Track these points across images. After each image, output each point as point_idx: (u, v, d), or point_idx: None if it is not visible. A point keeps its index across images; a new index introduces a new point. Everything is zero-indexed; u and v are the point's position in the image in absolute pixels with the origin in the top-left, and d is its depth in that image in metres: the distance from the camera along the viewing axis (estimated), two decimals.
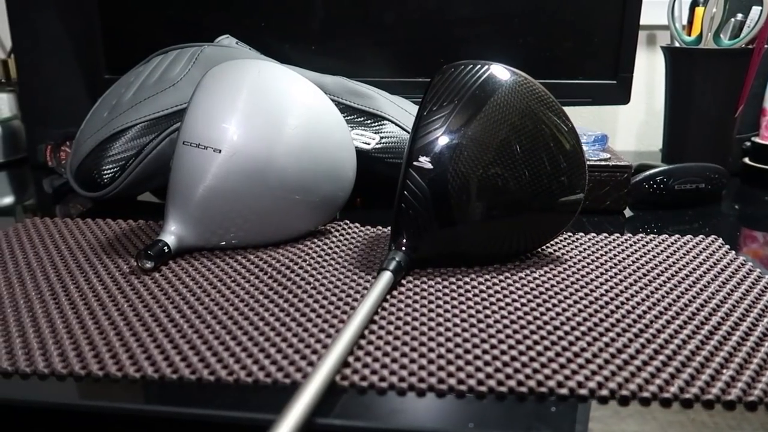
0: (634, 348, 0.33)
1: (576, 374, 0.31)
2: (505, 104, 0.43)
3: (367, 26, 0.67)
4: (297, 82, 0.47)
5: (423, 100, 0.43)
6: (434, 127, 0.42)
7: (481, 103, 0.42)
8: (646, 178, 0.58)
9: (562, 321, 0.36)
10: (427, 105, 0.43)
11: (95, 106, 0.60)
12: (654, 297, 0.39)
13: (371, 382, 0.30)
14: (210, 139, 0.44)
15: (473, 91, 0.43)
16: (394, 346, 0.33)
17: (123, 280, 0.41)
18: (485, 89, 0.43)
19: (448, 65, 0.44)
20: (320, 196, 0.47)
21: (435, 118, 0.42)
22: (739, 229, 0.53)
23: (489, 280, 0.41)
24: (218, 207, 0.44)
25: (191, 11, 0.69)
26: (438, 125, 0.42)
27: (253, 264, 0.44)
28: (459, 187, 0.41)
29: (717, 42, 0.62)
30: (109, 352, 0.32)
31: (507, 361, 0.32)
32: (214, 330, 0.35)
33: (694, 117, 0.63)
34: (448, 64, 0.44)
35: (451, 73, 0.44)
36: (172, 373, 0.31)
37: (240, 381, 0.30)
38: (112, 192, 0.56)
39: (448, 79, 0.43)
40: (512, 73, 0.44)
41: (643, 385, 0.30)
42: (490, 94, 0.43)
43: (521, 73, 0.44)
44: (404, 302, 0.38)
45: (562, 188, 0.43)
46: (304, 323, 0.35)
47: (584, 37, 0.65)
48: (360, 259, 0.45)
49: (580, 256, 0.46)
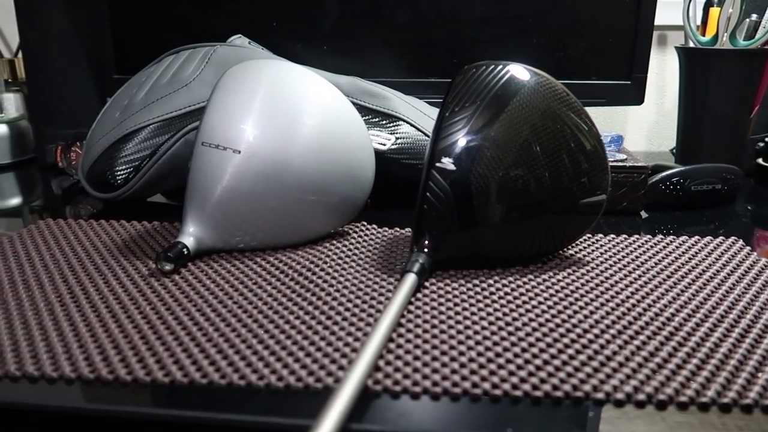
0: (666, 351, 0.33)
1: (611, 378, 0.30)
2: (527, 104, 0.42)
3: (379, 26, 0.67)
4: (315, 82, 0.47)
5: (444, 101, 0.43)
6: (457, 128, 0.42)
7: (503, 103, 0.42)
8: (662, 179, 0.58)
9: (591, 324, 0.35)
10: (449, 106, 0.42)
11: (106, 107, 0.60)
12: (680, 300, 0.39)
13: (404, 386, 0.30)
14: (229, 140, 0.43)
15: (496, 92, 0.42)
16: (424, 349, 0.33)
17: (143, 282, 0.41)
18: (507, 90, 0.42)
19: (469, 65, 0.44)
20: (339, 197, 0.46)
21: (457, 119, 0.42)
22: (754, 230, 0.53)
23: (513, 283, 0.41)
24: (237, 208, 0.44)
25: (201, 11, 0.68)
26: (460, 126, 0.42)
27: (273, 266, 0.44)
28: (482, 188, 0.41)
29: (733, 42, 0.62)
30: (135, 356, 0.32)
31: (539, 365, 0.31)
32: (240, 333, 0.34)
33: (709, 117, 0.63)
34: (470, 65, 0.44)
35: (472, 74, 0.43)
36: (202, 377, 0.30)
37: (271, 386, 0.30)
38: (127, 193, 0.55)
39: (470, 80, 0.43)
40: (534, 74, 0.43)
41: (680, 389, 0.29)
42: (513, 95, 0.42)
43: (542, 73, 0.44)
44: (429, 305, 0.38)
45: (583, 189, 0.43)
46: (331, 326, 0.35)
47: (598, 38, 0.65)
48: (381, 261, 0.45)
49: (601, 258, 0.45)
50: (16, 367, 0.31)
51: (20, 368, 0.31)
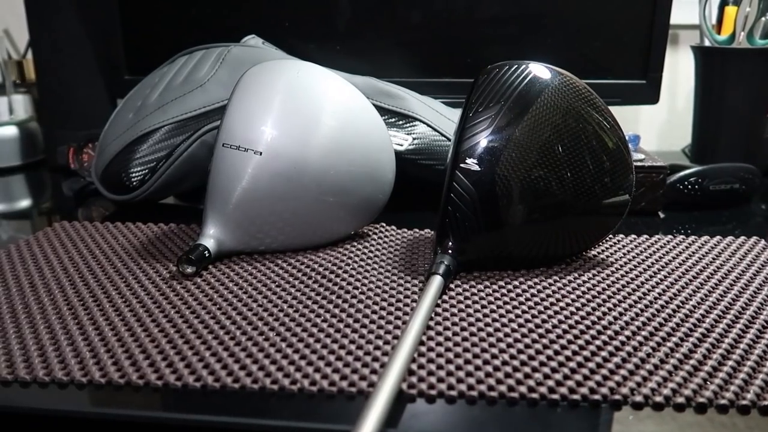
0: (700, 353, 0.32)
1: (648, 381, 0.30)
2: (552, 104, 0.42)
3: (393, 26, 0.66)
4: (336, 82, 0.46)
5: (467, 101, 0.42)
6: (481, 128, 0.41)
7: (528, 103, 0.42)
8: (680, 179, 0.58)
9: (621, 326, 0.35)
10: (472, 106, 0.42)
11: (118, 108, 0.59)
12: (709, 301, 0.38)
13: (440, 390, 0.29)
14: (250, 141, 0.43)
15: (520, 92, 0.42)
16: (455, 352, 0.32)
17: (165, 285, 0.40)
18: (531, 89, 0.42)
19: (492, 65, 0.43)
20: (360, 198, 0.46)
21: (481, 119, 0.41)
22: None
23: (538, 284, 0.41)
24: (258, 210, 0.43)
25: (213, 11, 0.68)
26: (484, 126, 0.41)
27: (295, 268, 0.43)
28: (506, 188, 0.40)
29: (750, 41, 0.61)
30: (164, 361, 0.31)
31: (574, 367, 0.31)
32: (268, 337, 0.34)
33: (725, 117, 0.63)
34: (492, 65, 0.43)
35: (495, 74, 0.43)
36: (233, 382, 0.30)
37: (304, 390, 0.29)
38: (143, 195, 0.55)
39: (493, 80, 0.43)
40: (557, 73, 0.43)
41: (718, 392, 0.29)
42: (537, 95, 0.42)
43: (565, 72, 0.43)
44: (456, 307, 0.37)
45: (606, 189, 0.43)
46: (360, 330, 0.35)
47: (613, 37, 0.64)
48: (404, 263, 0.44)
49: (624, 259, 0.45)
50: (44, 372, 0.31)
51: (49, 373, 0.30)
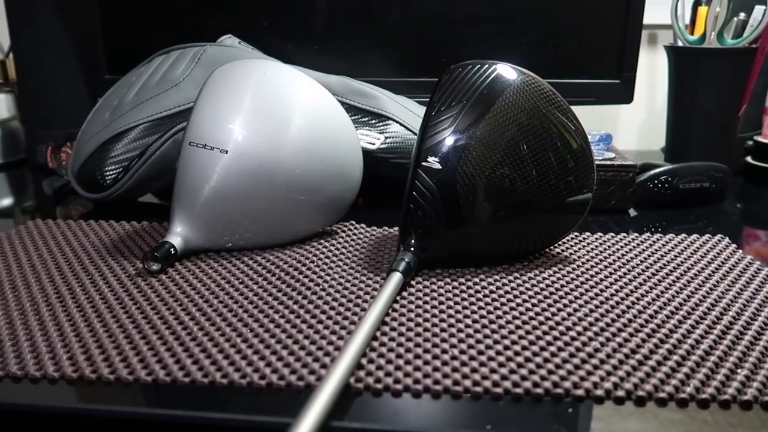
0: (647, 349, 0.33)
1: (591, 375, 0.30)
2: (513, 104, 0.42)
3: (370, 26, 0.67)
4: (303, 82, 0.47)
5: (431, 100, 0.43)
6: (443, 127, 0.42)
7: (489, 102, 0.42)
8: (650, 177, 0.58)
9: (574, 321, 0.36)
10: (435, 105, 0.43)
11: (96, 107, 0.60)
12: (664, 297, 0.39)
13: (386, 384, 0.30)
14: (217, 140, 0.43)
15: (481, 91, 0.42)
16: (407, 347, 0.33)
17: (130, 282, 0.41)
18: (493, 89, 0.43)
19: (455, 65, 0.44)
20: (327, 197, 0.47)
21: (443, 118, 0.42)
22: (743, 227, 0.53)
23: (498, 281, 0.41)
24: (225, 208, 0.44)
25: (193, 11, 0.68)
26: (446, 125, 0.42)
27: (260, 265, 0.44)
28: (468, 187, 0.41)
29: (721, 41, 0.62)
30: (119, 356, 0.32)
31: (521, 362, 0.31)
32: (224, 332, 0.34)
33: (698, 116, 0.64)
34: (456, 64, 0.44)
35: (459, 73, 0.43)
36: (184, 376, 0.30)
37: (253, 384, 0.30)
38: (116, 193, 0.55)
39: (456, 79, 0.43)
40: (520, 73, 0.44)
41: (659, 385, 0.30)
42: (499, 94, 0.42)
43: (529, 73, 0.44)
44: (414, 303, 0.38)
45: (570, 188, 0.43)
46: (315, 325, 0.35)
47: (588, 37, 0.65)
48: (368, 260, 0.45)
49: (587, 256, 0.46)
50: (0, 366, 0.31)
51: (3, 368, 0.31)
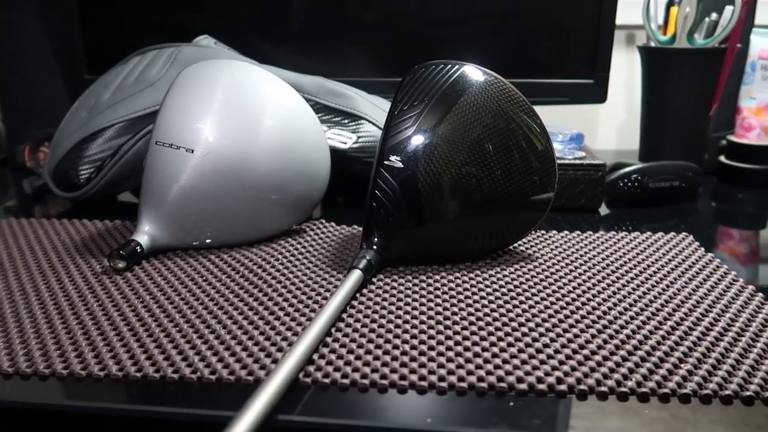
0: (596, 344, 0.33)
1: (536, 370, 0.31)
2: (475, 104, 0.43)
3: (346, 26, 0.67)
4: (271, 82, 0.47)
5: (394, 100, 0.44)
6: (405, 126, 0.42)
7: (451, 102, 0.43)
8: (620, 176, 0.59)
9: (527, 318, 0.36)
10: (398, 104, 0.43)
11: (73, 107, 0.60)
12: (620, 294, 0.39)
13: (333, 379, 0.30)
14: (183, 140, 0.44)
15: (443, 91, 0.43)
16: (359, 343, 0.33)
17: (95, 280, 0.41)
18: (455, 89, 0.43)
19: (419, 65, 0.45)
20: (295, 196, 0.47)
21: (405, 117, 0.43)
22: (712, 226, 0.54)
23: (458, 278, 0.42)
24: (192, 207, 0.44)
25: (172, 11, 0.69)
26: (408, 124, 0.42)
27: (226, 263, 0.44)
28: (430, 186, 0.41)
29: (690, 41, 0.62)
30: (75, 352, 0.33)
31: (470, 357, 0.32)
32: (182, 329, 0.35)
33: (669, 116, 0.64)
34: (419, 64, 0.45)
35: (422, 73, 0.44)
36: (137, 371, 0.31)
37: (203, 379, 0.30)
38: (89, 192, 0.56)
39: (419, 79, 0.44)
40: (483, 73, 0.44)
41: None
42: (460, 94, 0.43)
43: (492, 73, 0.44)
44: (373, 300, 0.38)
45: (534, 187, 0.44)
46: (272, 321, 0.36)
47: (561, 37, 0.66)
48: (333, 258, 0.45)
49: (551, 254, 0.46)
50: None
51: None
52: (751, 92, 0.64)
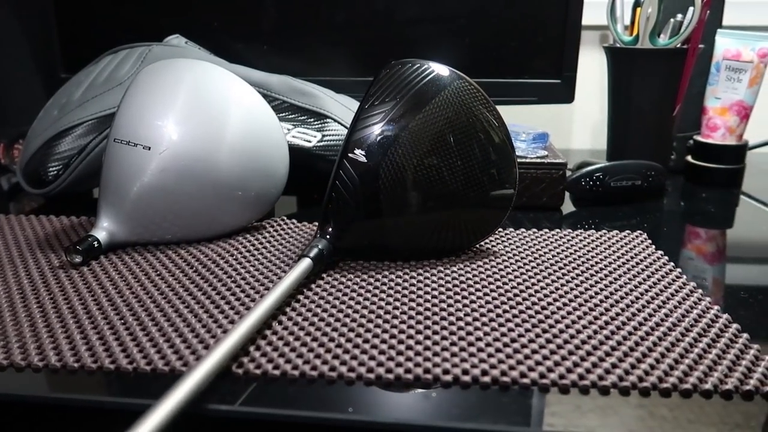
0: (528, 337, 0.34)
1: (465, 362, 0.32)
2: (445, 105, 0.43)
3: (317, 26, 0.68)
4: (231, 81, 0.48)
5: (366, 93, 0.44)
6: (373, 121, 0.43)
7: (423, 102, 0.43)
8: (582, 175, 0.59)
9: (466, 312, 0.37)
10: (369, 99, 0.43)
11: (46, 105, 0.61)
12: (563, 289, 0.40)
13: (265, 370, 0.31)
14: (141, 137, 0.45)
15: (417, 90, 0.43)
16: (296, 336, 0.34)
17: (50, 274, 0.42)
18: (428, 90, 0.43)
19: (395, 61, 0.45)
20: (254, 193, 0.48)
21: (375, 112, 0.43)
22: (670, 224, 0.55)
23: (412, 275, 0.42)
24: (150, 204, 0.45)
25: (147, 11, 0.70)
26: (377, 120, 0.43)
27: (182, 259, 0.45)
28: (391, 181, 0.42)
29: (653, 42, 0.63)
30: (18, 342, 0.33)
31: (402, 350, 0.33)
32: (126, 322, 0.36)
33: (634, 116, 0.65)
34: (396, 61, 0.45)
35: (397, 70, 0.44)
36: (75, 362, 0.32)
37: (139, 369, 0.31)
38: (56, 189, 0.57)
39: (393, 76, 0.44)
40: (456, 76, 0.44)
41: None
42: (433, 96, 0.43)
43: (461, 74, 0.45)
44: (319, 294, 0.39)
45: (492, 181, 0.44)
46: (215, 314, 0.37)
47: (528, 37, 0.66)
48: (288, 254, 0.46)
49: (504, 251, 0.47)
50: None
51: None
52: (716, 92, 0.65)
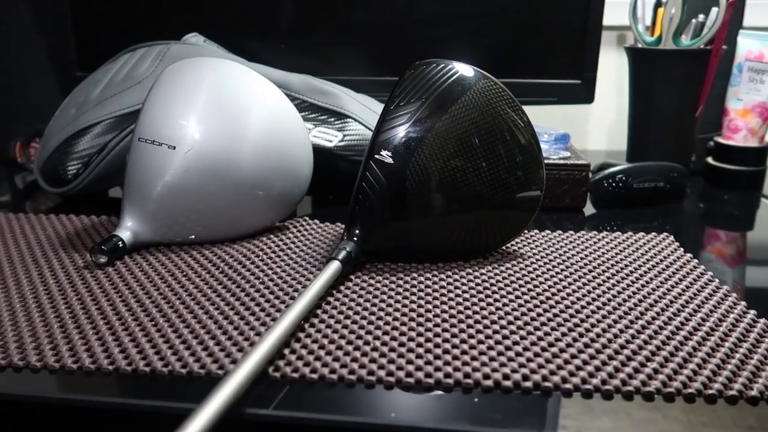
0: (566, 341, 0.34)
1: (503, 367, 0.31)
2: (472, 105, 0.43)
3: (335, 25, 0.68)
4: (254, 80, 0.48)
5: (391, 94, 0.43)
6: (399, 122, 0.42)
7: (449, 103, 0.43)
8: (605, 176, 0.59)
9: (500, 316, 0.37)
10: (395, 99, 0.43)
11: (64, 103, 0.61)
12: (596, 292, 0.40)
13: (302, 373, 0.31)
14: (165, 136, 0.44)
15: (442, 91, 0.43)
16: (330, 339, 0.34)
17: (76, 274, 0.42)
18: (454, 90, 0.43)
19: (420, 62, 0.44)
20: (277, 193, 0.47)
21: (401, 113, 0.43)
22: (695, 226, 0.54)
23: (439, 277, 0.42)
24: (174, 203, 0.45)
25: (163, 9, 0.69)
26: (403, 120, 0.42)
27: (207, 259, 0.45)
28: (417, 182, 0.42)
29: (676, 42, 0.63)
30: (50, 344, 0.33)
31: (439, 354, 0.32)
32: (157, 323, 0.35)
33: (656, 117, 0.64)
34: (420, 61, 0.45)
35: (422, 70, 0.44)
36: (109, 365, 0.31)
37: (174, 372, 0.31)
38: (76, 188, 0.56)
39: (418, 76, 0.44)
40: (481, 76, 0.44)
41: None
42: (459, 95, 0.43)
43: (486, 73, 0.44)
44: (349, 297, 0.39)
45: (518, 183, 0.44)
46: (246, 316, 0.36)
47: (548, 37, 0.66)
48: (314, 255, 0.46)
49: (531, 252, 0.46)
50: None
51: None
52: (738, 94, 0.64)
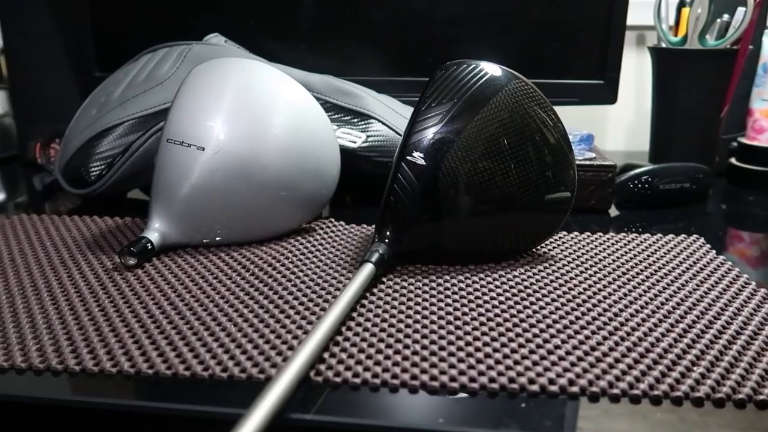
0: (608, 346, 0.33)
1: (548, 371, 0.31)
2: (503, 105, 0.42)
3: (356, 25, 0.67)
4: (282, 80, 0.47)
5: (422, 95, 0.43)
6: (431, 123, 0.42)
7: (480, 103, 0.42)
8: (631, 177, 0.58)
9: (538, 319, 0.36)
10: (426, 100, 0.43)
11: (84, 104, 0.61)
12: (631, 296, 0.39)
13: (345, 378, 0.30)
14: (194, 137, 0.44)
15: (474, 92, 0.42)
16: (370, 342, 0.33)
17: (106, 276, 0.42)
18: (485, 90, 0.42)
19: (450, 62, 0.44)
20: (304, 194, 0.47)
21: (433, 114, 0.42)
22: (722, 228, 0.54)
23: (469, 278, 0.42)
24: (202, 205, 0.44)
25: (182, 9, 0.69)
26: (435, 122, 0.42)
27: (236, 261, 0.44)
28: (449, 184, 0.41)
29: (702, 42, 0.62)
30: (87, 348, 0.33)
31: (481, 358, 0.32)
32: (192, 326, 0.35)
33: (680, 117, 0.64)
34: (451, 62, 0.44)
35: (453, 71, 0.44)
36: (149, 368, 0.31)
37: (215, 376, 0.31)
38: (99, 189, 0.56)
39: (449, 77, 0.43)
40: (511, 76, 0.44)
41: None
42: (491, 96, 0.42)
43: (518, 75, 0.44)
44: (383, 299, 0.38)
45: (548, 184, 0.43)
46: (282, 319, 0.36)
47: (571, 37, 0.65)
48: (343, 256, 0.45)
49: (561, 255, 0.46)
50: None
51: None
52: (763, 94, 0.64)
